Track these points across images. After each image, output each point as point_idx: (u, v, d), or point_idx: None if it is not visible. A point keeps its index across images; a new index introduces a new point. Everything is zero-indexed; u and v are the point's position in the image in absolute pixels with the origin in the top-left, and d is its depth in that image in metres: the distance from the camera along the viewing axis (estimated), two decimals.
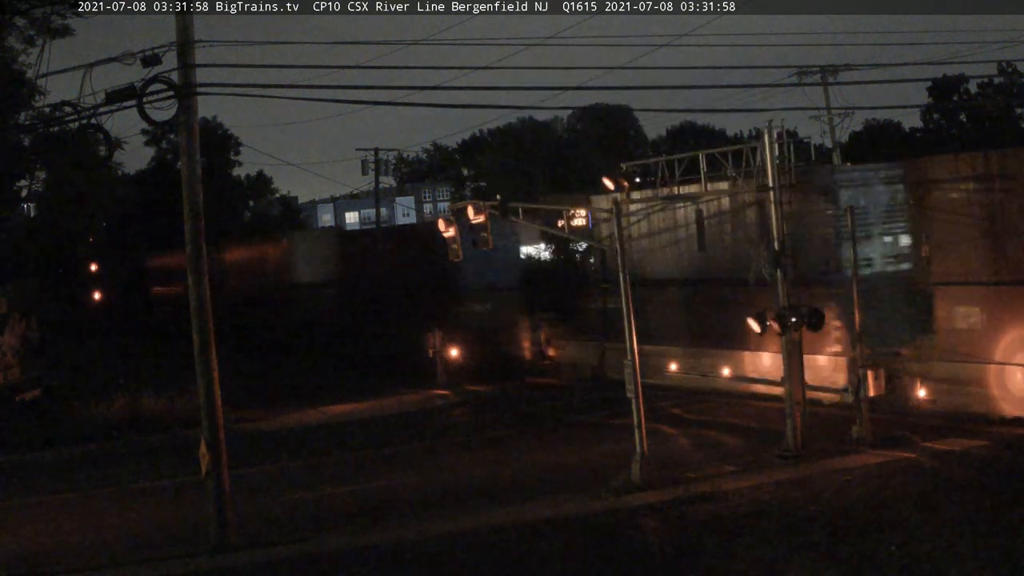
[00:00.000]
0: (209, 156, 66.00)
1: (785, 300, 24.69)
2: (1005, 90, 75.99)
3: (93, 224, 74.17)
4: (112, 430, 32.28)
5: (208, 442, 19.54)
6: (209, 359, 19.63)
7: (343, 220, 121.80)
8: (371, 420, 33.80)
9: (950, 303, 27.97)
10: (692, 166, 31.06)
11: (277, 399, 37.94)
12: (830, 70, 48.87)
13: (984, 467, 22.02)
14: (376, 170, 66.19)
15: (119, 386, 35.49)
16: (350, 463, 27.55)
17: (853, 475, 21.93)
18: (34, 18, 34.41)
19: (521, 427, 31.20)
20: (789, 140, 30.56)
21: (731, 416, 30.00)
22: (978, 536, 17.19)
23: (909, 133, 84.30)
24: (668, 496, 21.19)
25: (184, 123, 19.34)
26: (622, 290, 23.31)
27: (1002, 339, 26.59)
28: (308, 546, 19.55)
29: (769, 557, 17.06)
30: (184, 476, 25.11)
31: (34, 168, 41.48)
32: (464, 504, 21.98)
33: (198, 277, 19.73)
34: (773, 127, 25.85)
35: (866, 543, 17.31)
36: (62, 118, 21.55)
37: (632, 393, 22.76)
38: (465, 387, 38.88)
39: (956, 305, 27.80)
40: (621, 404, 24.93)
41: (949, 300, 28.02)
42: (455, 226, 25.67)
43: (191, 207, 19.71)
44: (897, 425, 25.76)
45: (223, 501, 19.58)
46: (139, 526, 21.98)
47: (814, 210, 30.21)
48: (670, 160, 31.25)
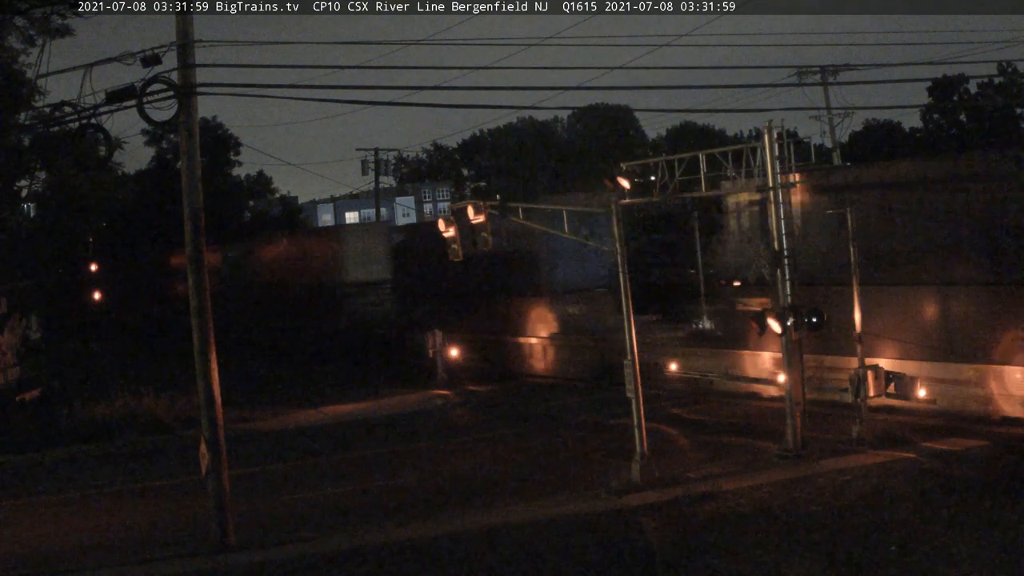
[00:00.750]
0: (209, 156, 66.01)
1: (785, 300, 24.72)
2: (1005, 90, 76.06)
3: (93, 224, 74.20)
4: (112, 430, 32.27)
5: (208, 442, 19.55)
6: (209, 359, 19.63)
7: (343, 220, 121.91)
8: (371, 420, 33.83)
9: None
10: (692, 166, 31.02)
11: (277, 399, 37.92)
12: (830, 70, 48.99)
13: (984, 467, 22.03)
14: (376, 170, 66.32)
15: (119, 386, 35.47)
16: (350, 463, 27.55)
17: (853, 475, 21.93)
18: (34, 18, 34.39)
19: (521, 427, 31.20)
20: (789, 140, 30.54)
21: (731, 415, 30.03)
22: (978, 536, 17.20)
23: (909, 133, 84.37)
24: (668, 496, 21.21)
25: (184, 123, 19.35)
26: (622, 290, 23.31)
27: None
28: (308, 546, 19.56)
29: (769, 557, 17.07)
30: (184, 476, 25.12)
31: (34, 168, 41.48)
32: (464, 504, 21.99)
33: (198, 277, 19.73)
34: (773, 127, 25.85)
35: (866, 543, 17.33)
36: (62, 118, 21.56)
37: (632, 393, 22.77)
38: (465, 387, 38.89)
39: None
40: (622, 404, 24.92)
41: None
42: (455, 226, 25.67)
43: (191, 207, 19.71)
44: (897, 425, 25.80)
45: (223, 501, 19.59)
46: (139, 526, 21.98)
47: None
48: (670, 160, 31.20)
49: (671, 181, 30.86)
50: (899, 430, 25.41)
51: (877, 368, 25.54)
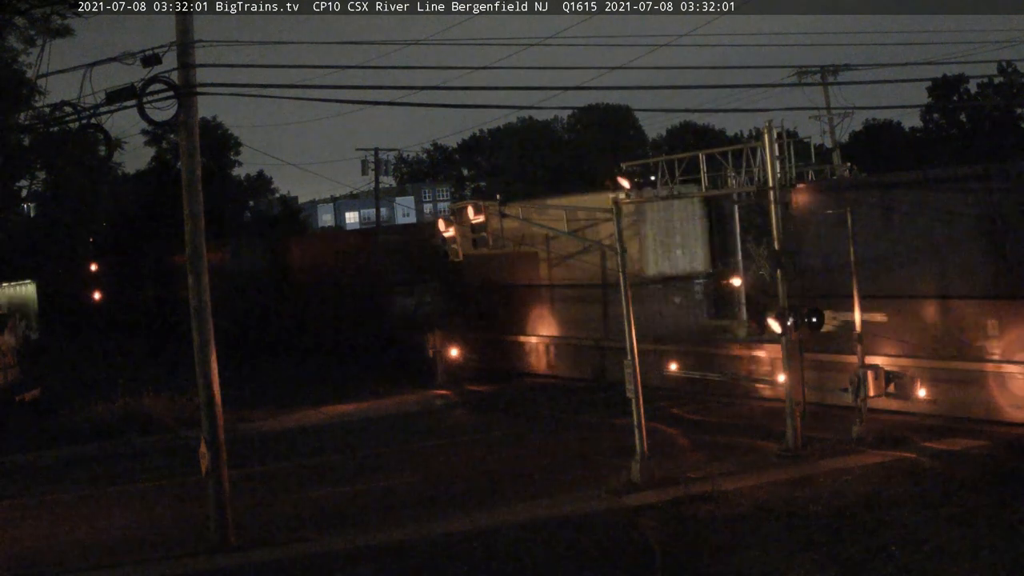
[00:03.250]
0: (209, 156, 65.97)
1: (785, 300, 24.73)
2: (1005, 90, 76.10)
3: (93, 224, 74.28)
4: (112, 430, 32.27)
5: (208, 442, 19.56)
6: (209, 359, 19.64)
7: (343, 220, 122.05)
8: (371, 420, 33.81)
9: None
10: (692, 166, 31.04)
11: (278, 399, 37.89)
12: (830, 70, 48.96)
13: (984, 467, 22.03)
14: (376, 170, 66.21)
15: (119, 386, 35.47)
16: (350, 463, 27.55)
17: (853, 475, 21.93)
18: (34, 18, 34.44)
19: (521, 427, 31.19)
20: (789, 140, 30.54)
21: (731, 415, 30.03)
22: (978, 536, 17.20)
23: (909, 133, 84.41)
24: (668, 496, 21.21)
25: (184, 123, 19.35)
26: (622, 290, 23.32)
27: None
28: (308, 546, 19.56)
29: (769, 557, 17.07)
30: (184, 476, 25.11)
31: (34, 168, 41.52)
32: (464, 504, 21.98)
33: (198, 277, 19.74)
34: (773, 127, 25.87)
35: (866, 543, 17.33)
36: (62, 118, 21.56)
37: (632, 393, 22.77)
38: (465, 387, 38.87)
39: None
40: (622, 404, 24.93)
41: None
42: (455, 226, 25.67)
43: (191, 207, 19.72)
44: (897, 425, 25.80)
45: (223, 501, 19.59)
46: (139, 526, 21.97)
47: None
48: (670, 160, 31.22)
49: (671, 181, 30.89)
50: (899, 430, 25.41)
51: (877, 368, 25.56)
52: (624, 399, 23.47)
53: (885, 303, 27.91)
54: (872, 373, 25.17)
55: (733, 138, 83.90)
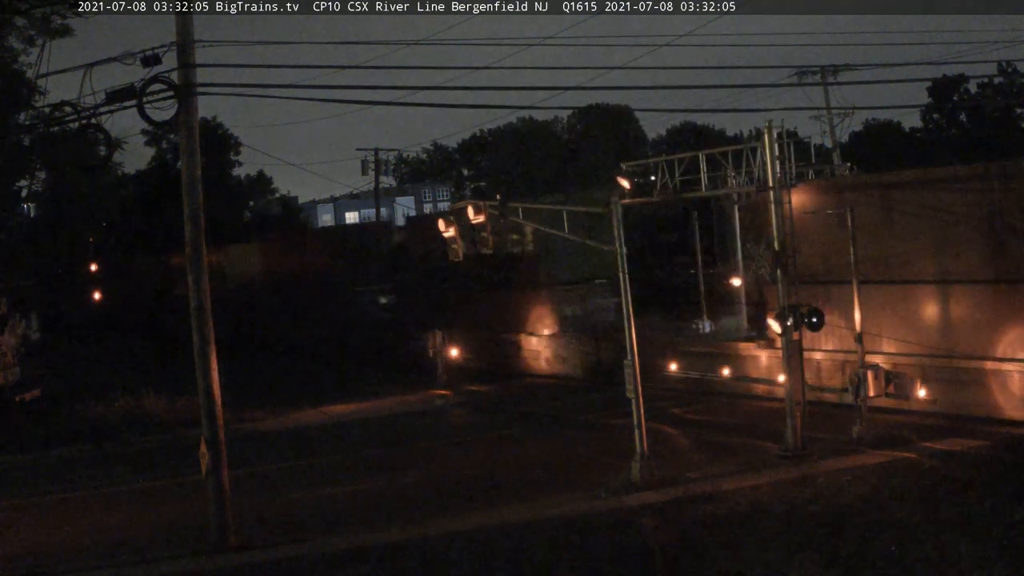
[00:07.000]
0: (209, 156, 65.93)
1: (785, 300, 24.71)
2: (1005, 90, 76.05)
3: (93, 224, 74.28)
4: (112, 430, 32.26)
5: (208, 442, 19.54)
6: (209, 359, 19.62)
7: (343, 220, 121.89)
8: (371, 420, 33.81)
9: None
10: (692, 166, 31.02)
11: (278, 399, 37.89)
12: (830, 70, 48.95)
13: (984, 467, 22.01)
14: (376, 170, 66.32)
15: (119, 386, 35.47)
16: (350, 463, 27.54)
17: (853, 475, 21.92)
18: (34, 18, 34.44)
19: (521, 427, 31.19)
20: (789, 140, 30.52)
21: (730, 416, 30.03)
22: (978, 536, 17.19)
23: (909, 133, 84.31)
24: (668, 496, 21.19)
25: (184, 123, 19.34)
26: (622, 290, 23.30)
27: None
28: (308, 546, 19.55)
29: (769, 557, 17.06)
30: (184, 476, 25.10)
31: (34, 168, 41.52)
32: (464, 504, 21.97)
33: (198, 277, 19.72)
34: (773, 127, 25.84)
35: (866, 543, 17.31)
36: (62, 118, 21.53)
37: (632, 393, 22.76)
38: (465, 387, 38.85)
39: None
40: (622, 404, 24.91)
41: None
42: (455, 226, 25.69)
43: (191, 207, 19.70)
44: (897, 425, 25.79)
45: (223, 501, 19.57)
46: (139, 526, 21.97)
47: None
48: (670, 160, 31.19)
49: (671, 181, 30.87)
50: (899, 430, 25.39)
51: (877, 368, 25.53)
52: (624, 399, 23.45)
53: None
54: (872, 373, 25.15)
55: (733, 138, 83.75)
